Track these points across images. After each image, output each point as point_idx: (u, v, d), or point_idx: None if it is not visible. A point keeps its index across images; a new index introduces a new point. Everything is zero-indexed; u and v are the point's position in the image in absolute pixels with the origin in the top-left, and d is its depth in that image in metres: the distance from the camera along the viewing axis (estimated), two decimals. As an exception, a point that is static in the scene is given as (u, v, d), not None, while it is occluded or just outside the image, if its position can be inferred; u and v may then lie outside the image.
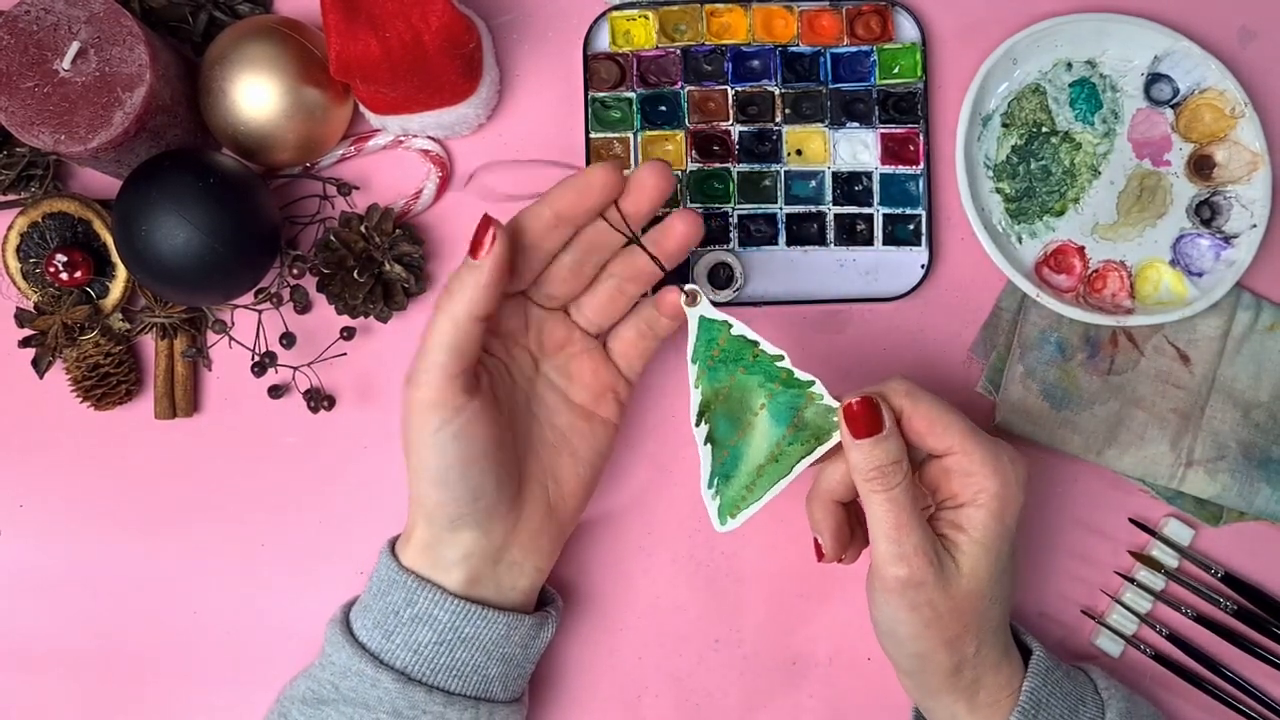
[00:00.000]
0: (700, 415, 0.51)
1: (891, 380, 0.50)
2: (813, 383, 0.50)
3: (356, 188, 0.61)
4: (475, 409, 0.49)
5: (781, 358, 0.51)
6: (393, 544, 0.54)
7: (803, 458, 0.50)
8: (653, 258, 0.52)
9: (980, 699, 0.51)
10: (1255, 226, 0.60)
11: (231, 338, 0.60)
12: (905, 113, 0.61)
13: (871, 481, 0.48)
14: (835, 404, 0.50)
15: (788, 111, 0.61)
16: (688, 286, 0.52)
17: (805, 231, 0.61)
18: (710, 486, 0.51)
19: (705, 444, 0.51)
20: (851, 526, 0.54)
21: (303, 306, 0.60)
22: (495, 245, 0.48)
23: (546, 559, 0.54)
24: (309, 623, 0.59)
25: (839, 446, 0.50)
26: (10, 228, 0.59)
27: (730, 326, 0.51)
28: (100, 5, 0.53)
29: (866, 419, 0.48)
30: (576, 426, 0.55)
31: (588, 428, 0.55)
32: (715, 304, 0.50)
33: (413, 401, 0.49)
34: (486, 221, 0.49)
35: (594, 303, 0.54)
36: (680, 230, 0.52)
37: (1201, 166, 0.61)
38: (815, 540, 0.53)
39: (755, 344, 0.51)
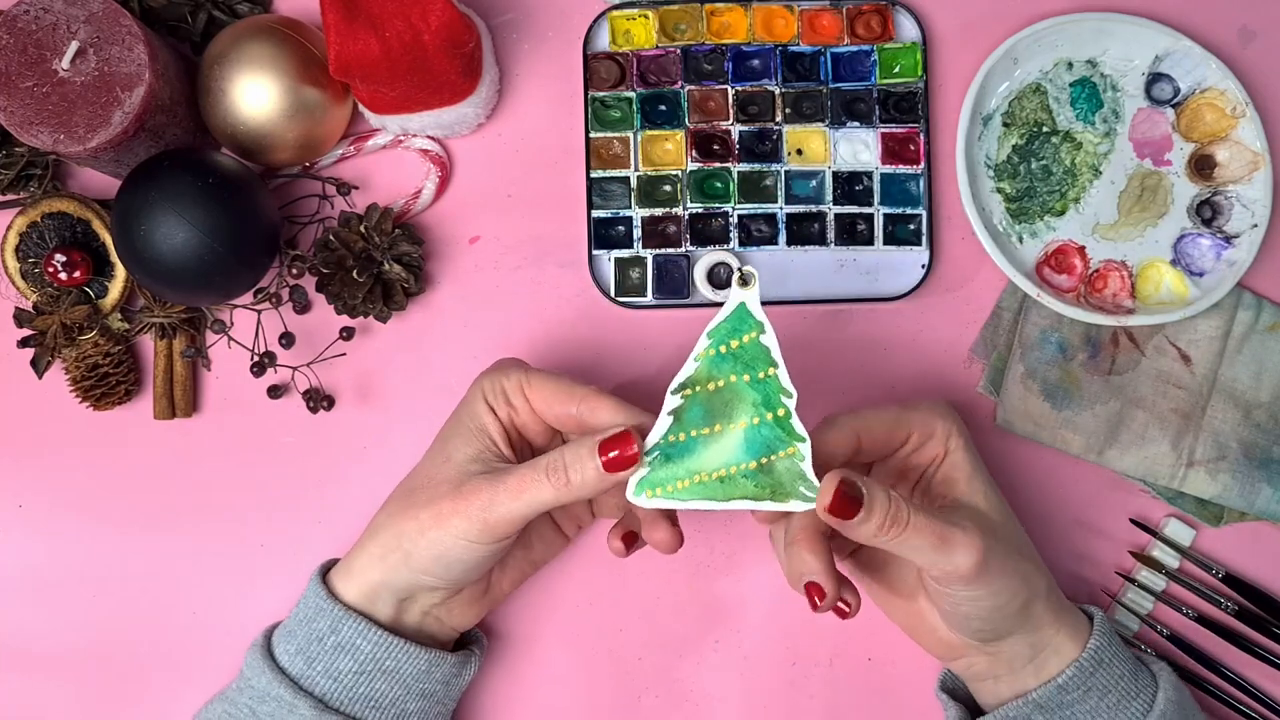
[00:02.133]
0: (682, 388, 0.48)
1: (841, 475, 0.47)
2: (804, 440, 0.48)
3: (356, 187, 0.61)
4: (512, 539, 0.51)
5: (791, 396, 0.48)
6: (324, 571, 0.55)
7: (748, 499, 0.48)
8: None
9: (1068, 621, 0.53)
10: (1256, 226, 0.60)
11: (231, 338, 0.60)
12: (906, 112, 0.61)
13: (889, 535, 0.47)
14: (814, 481, 0.47)
15: (788, 111, 0.61)
16: (746, 269, 0.48)
17: (805, 231, 0.61)
18: (649, 455, 0.48)
19: (669, 415, 0.48)
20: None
21: (302, 306, 0.59)
22: (633, 468, 0.47)
23: (470, 624, 0.56)
24: (308, 623, 0.60)
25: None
26: (9, 227, 0.59)
27: (762, 332, 0.48)
28: (99, 5, 0.53)
29: (845, 507, 0.46)
30: (547, 539, 0.57)
31: (558, 541, 0.58)
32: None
33: (478, 517, 0.49)
34: (629, 440, 0.47)
35: None
36: (656, 539, 0.51)
37: (1202, 166, 0.61)
38: (809, 588, 0.49)
39: (774, 365, 0.48)
